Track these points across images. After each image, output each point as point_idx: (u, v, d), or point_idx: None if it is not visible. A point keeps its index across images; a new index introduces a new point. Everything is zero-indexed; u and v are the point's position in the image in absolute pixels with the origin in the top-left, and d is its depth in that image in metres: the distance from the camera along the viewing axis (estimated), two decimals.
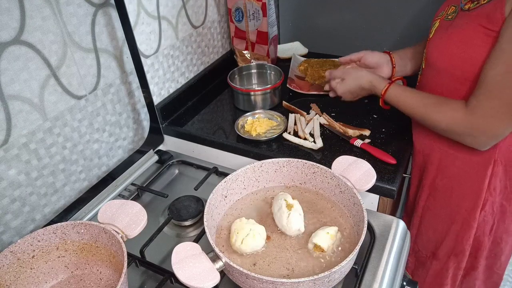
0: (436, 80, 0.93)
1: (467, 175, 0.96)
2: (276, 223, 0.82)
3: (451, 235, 1.05)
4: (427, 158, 1.03)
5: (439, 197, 1.03)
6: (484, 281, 1.15)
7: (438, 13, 0.97)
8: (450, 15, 0.91)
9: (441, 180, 1.01)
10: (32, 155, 0.85)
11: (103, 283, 0.76)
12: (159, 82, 1.17)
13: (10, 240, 0.84)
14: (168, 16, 1.14)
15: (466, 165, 0.95)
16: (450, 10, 0.92)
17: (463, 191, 0.98)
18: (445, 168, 0.99)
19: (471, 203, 0.98)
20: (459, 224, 1.02)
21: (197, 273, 0.65)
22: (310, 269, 0.73)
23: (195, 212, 0.92)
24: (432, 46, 0.92)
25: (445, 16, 0.93)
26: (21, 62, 0.78)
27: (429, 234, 1.10)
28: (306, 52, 1.54)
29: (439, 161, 1.00)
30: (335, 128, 1.11)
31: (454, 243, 1.05)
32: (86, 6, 0.89)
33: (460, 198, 1.00)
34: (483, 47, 0.80)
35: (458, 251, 1.06)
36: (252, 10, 1.29)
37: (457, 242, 1.05)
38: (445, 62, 0.89)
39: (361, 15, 1.42)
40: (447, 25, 0.90)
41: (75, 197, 0.96)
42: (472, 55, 0.82)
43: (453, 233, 1.04)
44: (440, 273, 1.12)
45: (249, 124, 1.13)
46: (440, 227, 1.07)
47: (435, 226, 1.08)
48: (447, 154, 0.97)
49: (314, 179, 0.88)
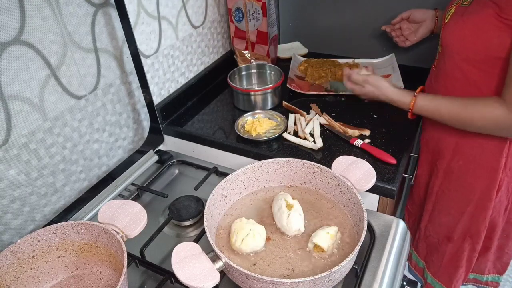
0: (451, 64, 0.96)
1: (483, 156, 0.99)
2: (276, 223, 0.82)
3: (466, 217, 1.07)
4: (441, 143, 1.06)
5: (454, 179, 1.06)
6: (494, 262, 1.19)
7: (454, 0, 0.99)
8: (466, 1, 0.93)
9: (457, 162, 1.04)
10: (32, 155, 0.85)
11: (103, 283, 0.76)
12: (159, 82, 1.17)
13: (10, 240, 0.84)
14: (168, 16, 1.14)
15: (482, 146, 0.98)
16: None
17: (479, 172, 1.01)
18: (461, 150, 1.02)
19: (487, 183, 1.01)
20: (474, 205, 1.05)
21: (197, 273, 0.65)
22: (310, 269, 0.73)
23: (195, 212, 0.92)
24: (447, 31, 0.95)
25: (461, 3, 0.94)
26: (21, 62, 0.78)
27: (442, 218, 1.12)
28: (306, 52, 1.54)
29: (455, 144, 1.02)
30: (335, 128, 1.11)
31: (469, 224, 1.08)
32: (86, 6, 0.89)
33: (476, 179, 1.02)
34: (496, 31, 0.83)
35: (474, 232, 1.08)
36: (252, 10, 1.29)
37: (472, 223, 1.07)
38: (459, 46, 0.91)
39: (361, 15, 1.42)
40: (462, 11, 0.92)
41: (75, 197, 0.96)
42: (485, 39, 0.85)
43: (468, 214, 1.06)
44: (456, 255, 1.14)
45: (249, 124, 1.13)
46: (454, 210, 1.09)
47: (448, 209, 1.10)
48: (464, 137, 0.99)
49: (314, 179, 0.88)
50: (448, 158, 1.05)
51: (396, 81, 1.27)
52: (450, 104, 0.93)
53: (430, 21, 1.20)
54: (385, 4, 1.36)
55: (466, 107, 0.90)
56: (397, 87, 1.04)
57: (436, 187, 1.11)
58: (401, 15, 1.24)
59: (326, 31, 1.52)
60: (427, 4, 1.30)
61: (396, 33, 1.28)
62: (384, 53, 1.42)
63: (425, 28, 1.21)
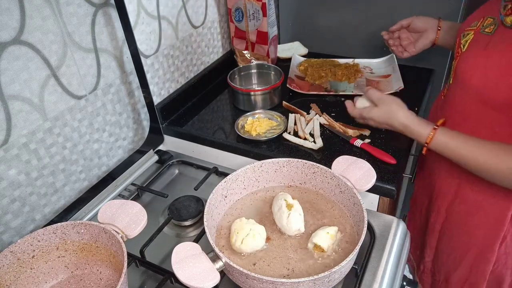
0: (465, 99, 0.85)
1: (488, 202, 0.88)
2: (276, 223, 0.82)
3: (465, 265, 0.98)
4: (441, 182, 0.97)
5: (455, 222, 0.96)
6: None
7: (470, 22, 0.87)
8: (488, 28, 0.81)
9: (458, 205, 0.94)
10: (32, 155, 0.85)
11: (103, 283, 0.76)
12: (159, 82, 1.17)
13: (10, 240, 0.84)
14: (168, 16, 1.14)
15: (487, 192, 0.87)
16: (486, 22, 0.82)
17: (481, 220, 0.91)
18: (463, 193, 0.92)
19: (490, 233, 0.90)
20: (473, 254, 0.95)
21: (197, 273, 0.65)
22: (310, 269, 0.73)
23: (195, 212, 0.92)
24: (466, 63, 0.83)
25: (481, 29, 0.82)
26: (21, 62, 0.78)
27: (444, 258, 1.04)
28: (306, 52, 1.54)
29: (458, 186, 0.92)
30: (335, 128, 1.11)
31: (468, 274, 0.99)
32: (86, 6, 0.89)
33: (477, 227, 0.92)
34: None
35: (473, 282, 0.99)
36: (252, 10, 1.29)
37: (471, 274, 0.98)
38: (479, 85, 0.80)
39: (361, 15, 1.42)
40: (484, 40, 0.80)
41: (75, 197, 0.96)
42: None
43: (467, 263, 0.97)
44: None
45: (249, 124, 1.13)
46: (454, 254, 1.00)
47: (450, 252, 1.01)
48: (467, 179, 0.89)
49: (314, 179, 0.88)
50: (450, 199, 0.95)
51: (396, 81, 1.27)
52: (477, 147, 0.79)
53: (431, 31, 1.10)
54: (385, 4, 1.36)
55: (497, 155, 0.76)
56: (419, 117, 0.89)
57: (438, 225, 1.01)
58: (401, 22, 1.15)
59: (326, 31, 1.52)
60: (427, 4, 1.30)
61: (394, 42, 1.20)
62: (384, 53, 1.42)
63: (426, 39, 1.11)
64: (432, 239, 1.05)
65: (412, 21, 1.13)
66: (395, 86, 1.25)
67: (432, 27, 1.10)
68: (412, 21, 1.13)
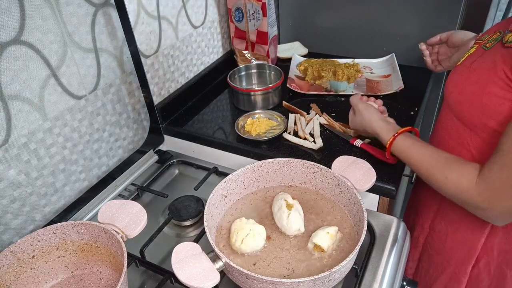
0: (448, 118, 0.84)
1: (464, 225, 0.88)
2: (276, 223, 0.82)
3: (440, 285, 0.98)
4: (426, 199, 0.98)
5: (434, 240, 0.97)
6: None
7: (483, 35, 0.84)
8: (489, 43, 0.77)
9: (439, 224, 0.94)
10: (32, 155, 0.85)
11: (103, 283, 0.76)
12: (159, 82, 1.17)
13: (10, 240, 0.84)
14: (168, 16, 1.14)
15: (464, 215, 0.84)
16: (493, 36, 0.78)
17: (457, 241, 0.91)
18: (443, 212, 0.93)
19: (463, 256, 0.90)
20: (448, 275, 0.95)
21: (197, 273, 0.65)
22: (310, 269, 0.73)
23: (195, 212, 0.92)
24: (452, 76, 0.81)
25: (484, 42, 0.79)
26: (21, 62, 0.78)
27: (423, 274, 1.03)
28: (306, 52, 1.54)
29: (439, 204, 0.93)
30: (335, 128, 1.11)
31: None
32: (86, 6, 0.89)
33: (453, 248, 0.92)
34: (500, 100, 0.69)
35: None
36: (252, 10, 1.29)
37: None
38: (456, 99, 0.79)
39: (361, 15, 1.42)
40: (478, 55, 0.77)
41: (75, 197, 0.96)
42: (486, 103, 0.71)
43: (442, 283, 0.97)
44: None
45: (249, 124, 1.13)
46: (432, 272, 1.00)
47: (428, 268, 1.01)
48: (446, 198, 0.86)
49: (314, 179, 0.88)
50: (432, 216, 0.96)
51: (396, 81, 1.27)
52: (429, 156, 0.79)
53: (468, 47, 1.01)
54: (385, 4, 1.36)
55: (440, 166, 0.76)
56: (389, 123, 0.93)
57: (422, 239, 1.01)
58: (440, 36, 1.11)
59: (326, 31, 1.52)
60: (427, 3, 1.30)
61: (433, 57, 1.15)
62: (384, 53, 1.42)
63: (461, 54, 0.99)
64: (415, 253, 1.05)
65: (452, 35, 1.09)
66: (395, 86, 1.25)
67: (469, 42, 1.04)
68: (452, 35, 1.09)
